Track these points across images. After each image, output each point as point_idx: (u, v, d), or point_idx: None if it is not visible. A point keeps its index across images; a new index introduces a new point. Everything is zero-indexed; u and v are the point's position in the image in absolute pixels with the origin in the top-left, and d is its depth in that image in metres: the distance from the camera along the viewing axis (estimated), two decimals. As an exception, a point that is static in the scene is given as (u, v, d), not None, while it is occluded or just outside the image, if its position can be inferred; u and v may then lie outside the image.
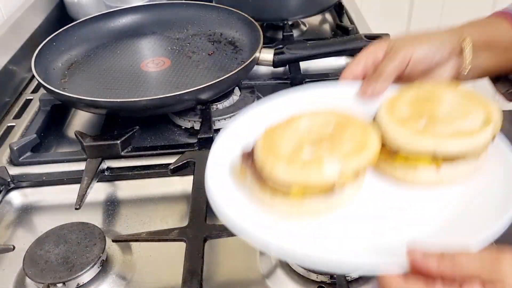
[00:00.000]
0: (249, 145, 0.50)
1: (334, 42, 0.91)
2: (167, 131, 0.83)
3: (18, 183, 0.73)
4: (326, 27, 1.21)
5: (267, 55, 0.88)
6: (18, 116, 0.88)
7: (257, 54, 0.85)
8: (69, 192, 0.71)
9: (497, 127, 0.49)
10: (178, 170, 0.70)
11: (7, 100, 0.92)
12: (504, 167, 0.50)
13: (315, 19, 1.22)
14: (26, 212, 0.71)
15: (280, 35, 1.10)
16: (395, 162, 0.51)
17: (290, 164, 0.46)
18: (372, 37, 0.89)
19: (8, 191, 0.73)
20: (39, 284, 0.55)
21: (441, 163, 0.49)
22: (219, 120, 0.82)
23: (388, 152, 0.51)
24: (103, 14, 1.02)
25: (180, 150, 0.74)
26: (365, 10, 1.28)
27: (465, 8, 2.11)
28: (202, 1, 1.06)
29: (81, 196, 0.66)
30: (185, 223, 0.61)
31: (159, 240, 0.60)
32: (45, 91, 0.82)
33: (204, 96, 0.78)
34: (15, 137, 0.81)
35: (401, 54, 0.60)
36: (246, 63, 0.81)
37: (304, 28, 1.19)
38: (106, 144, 0.75)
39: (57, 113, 0.88)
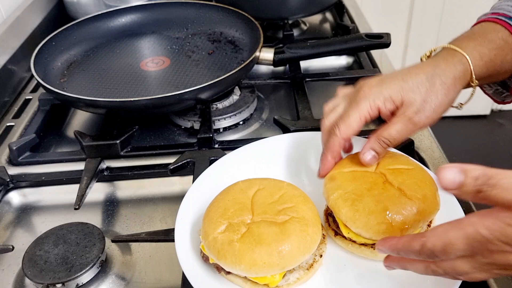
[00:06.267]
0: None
1: (334, 41, 0.91)
2: (166, 131, 0.83)
3: (17, 183, 0.73)
4: (327, 26, 1.21)
5: (267, 54, 0.87)
6: (17, 115, 0.88)
7: (257, 53, 0.85)
8: (68, 192, 0.71)
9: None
10: (177, 170, 0.70)
11: (6, 99, 0.92)
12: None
13: (315, 18, 1.22)
14: (25, 212, 0.70)
15: (280, 34, 1.10)
16: (347, 240, 0.55)
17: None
18: (373, 36, 0.88)
19: (7, 191, 0.72)
20: (38, 284, 0.55)
21: None
22: (218, 120, 0.81)
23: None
24: (102, 13, 1.01)
25: (180, 150, 0.74)
26: (365, 9, 1.28)
27: (465, 7, 2.11)
28: (202, 0, 1.06)
29: (80, 196, 0.66)
30: (184, 223, 0.60)
31: (158, 240, 0.60)
32: (44, 91, 0.81)
33: (204, 96, 0.77)
34: (14, 137, 0.81)
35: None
36: (246, 62, 0.81)
37: (305, 27, 1.18)
38: (105, 144, 0.74)
39: (56, 113, 0.88)
